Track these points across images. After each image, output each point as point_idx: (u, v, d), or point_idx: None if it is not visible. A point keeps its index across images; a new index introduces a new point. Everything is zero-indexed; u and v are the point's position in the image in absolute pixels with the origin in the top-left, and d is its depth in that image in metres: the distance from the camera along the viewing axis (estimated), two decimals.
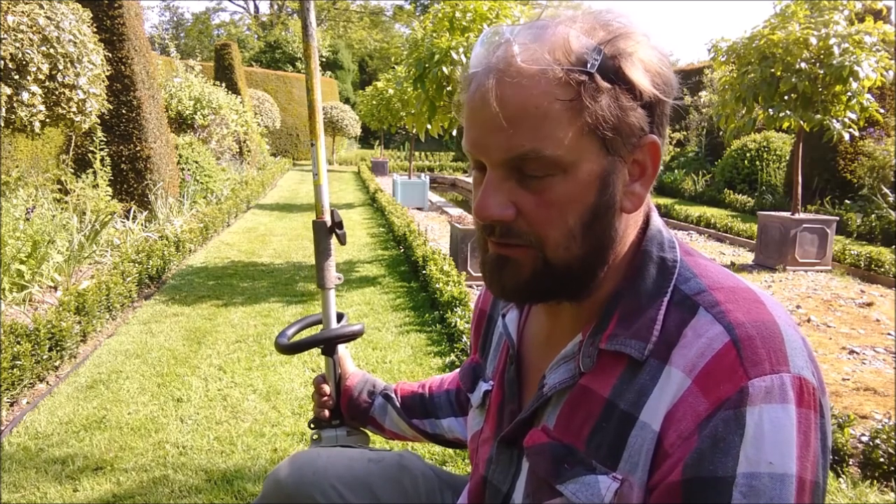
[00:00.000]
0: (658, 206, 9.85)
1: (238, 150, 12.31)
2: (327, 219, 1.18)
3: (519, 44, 0.63)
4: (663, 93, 0.65)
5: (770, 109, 5.40)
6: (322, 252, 1.19)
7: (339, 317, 1.23)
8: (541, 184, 0.64)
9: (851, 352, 3.62)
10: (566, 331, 0.73)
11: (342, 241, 1.19)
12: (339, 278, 1.22)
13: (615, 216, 0.67)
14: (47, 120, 4.44)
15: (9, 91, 3.92)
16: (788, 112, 5.33)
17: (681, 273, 0.68)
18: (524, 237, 0.66)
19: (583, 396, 0.68)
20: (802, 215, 5.91)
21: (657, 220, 0.72)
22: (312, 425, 1.20)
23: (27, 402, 2.81)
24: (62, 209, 4.92)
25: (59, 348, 3.12)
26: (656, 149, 0.67)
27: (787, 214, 5.97)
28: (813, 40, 5.14)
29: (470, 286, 4.91)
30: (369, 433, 1.22)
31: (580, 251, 0.66)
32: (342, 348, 1.21)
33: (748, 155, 11.12)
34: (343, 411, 1.18)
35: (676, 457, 0.59)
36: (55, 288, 4.17)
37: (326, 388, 1.19)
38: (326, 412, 1.18)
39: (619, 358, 0.66)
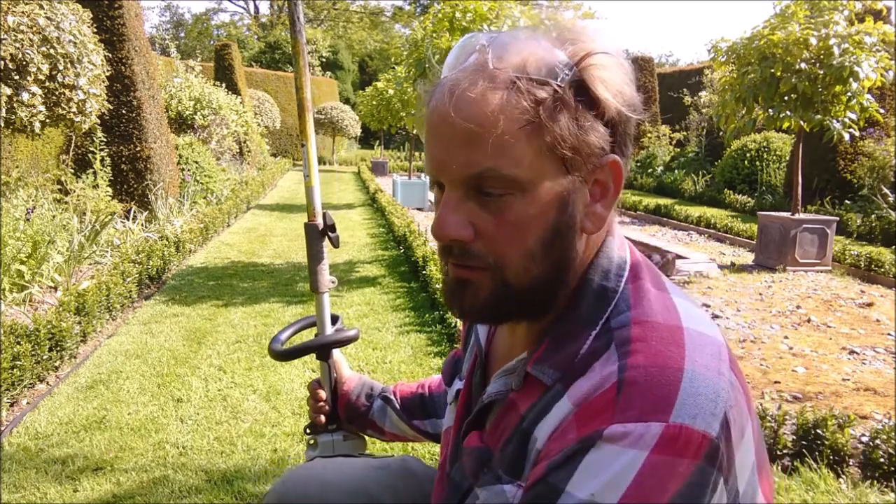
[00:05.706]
0: (658, 207, 9.88)
1: (238, 150, 12.32)
2: (319, 221, 1.16)
3: (493, 50, 0.63)
4: (626, 111, 0.65)
5: (770, 110, 5.40)
6: (315, 255, 1.17)
7: (335, 319, 1.21)
8: (499, 203, 0.63)
9: (851, 352, 3.62)
10: (519, 345, 0.75)
11: (335, 244, 1.16)
12: (333, 282, 1.20)
13: (575, 237, 0.66)
14: (47, 120, 4.44)
15: (9, 91, 3.92)
16: (788, 112, 5.33)
17: (617, 304, 0.67)
18: (482, 259, 0.66)
19: (508, 410, 0.71)
20: (802, 215, 5.90)
21: (611, 246, 0.71)
22: (308, 430, 1.18)
23: (27, 403, 2.81)
24: (62, 209, 4.92)
25: (59, 348, 3.12)
26: (618, 168, 0.66)
27: (787, 215, 5.96)
28: (813, 41, 5.14)
29: None
30: (366, 437, 1.21)
31: (539, 271, 0.66)
32: (337, 352, 1.19)
33: (748, 155, 11.12)
34: (340, 416, 1.17)
35: (537, 468, 0.62)
36: (55, 288, 4.17)
37: (322, 394, 1.18)
38: (322, 417, 1.17)
39: (539, 382, 0.68)
